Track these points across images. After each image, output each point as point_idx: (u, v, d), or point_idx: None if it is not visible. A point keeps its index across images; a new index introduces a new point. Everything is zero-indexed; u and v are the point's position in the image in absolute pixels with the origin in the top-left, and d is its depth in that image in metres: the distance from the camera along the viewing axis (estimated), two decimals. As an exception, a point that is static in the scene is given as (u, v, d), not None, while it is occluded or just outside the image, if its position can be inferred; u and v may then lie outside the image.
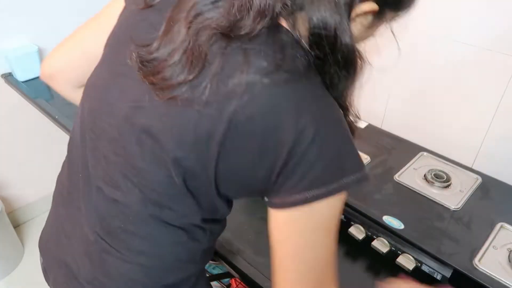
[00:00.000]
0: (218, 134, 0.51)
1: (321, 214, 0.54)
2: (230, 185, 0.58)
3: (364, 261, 0.90)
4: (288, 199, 0.53)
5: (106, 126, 0.61)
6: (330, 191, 0.53)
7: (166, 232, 0.62)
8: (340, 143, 0.53)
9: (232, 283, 1.38)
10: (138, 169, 0.59)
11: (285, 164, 0.51)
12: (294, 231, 0.55)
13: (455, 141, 1.11)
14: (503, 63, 0.95)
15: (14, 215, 1.95)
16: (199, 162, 0.54)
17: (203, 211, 0.62)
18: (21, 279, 1.75)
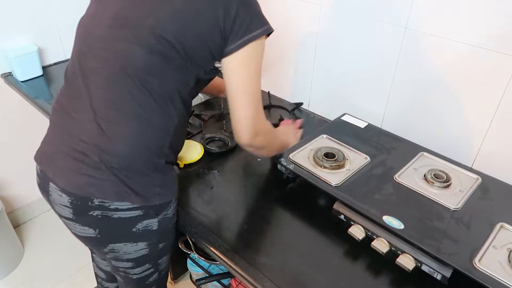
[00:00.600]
0: None
1: (256, 51, 0.86)
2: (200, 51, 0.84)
3: (364, 261, 0.90)
4: (239, 41, 0.83)
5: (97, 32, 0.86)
6: (260, 32, 0.84)
7: (149, 102, 0.83)
8: (256, 5, 0.86)
9: (232, 283, 1.38)
10: (121, 50, 0.82)
11: (230, 21, 0.82)
12: (244, 66, 0.86)
13: (455, 141, 1.11)
14: (503, 63, 0.95)
15: (14, 215, 1.95)
16: (177, 35, 0.80)
17: (179, 83, 0.85)
18: (21, 279, 1.75)
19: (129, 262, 0.95)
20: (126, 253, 0.93)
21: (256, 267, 0.87)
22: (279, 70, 1.49)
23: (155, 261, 1.00)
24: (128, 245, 0.91)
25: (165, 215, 0.92)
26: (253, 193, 1.09)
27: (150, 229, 0.90)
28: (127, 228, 0.88)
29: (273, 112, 1.46)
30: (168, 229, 0.96)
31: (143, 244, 0.92)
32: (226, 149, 1.24)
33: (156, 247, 0.95)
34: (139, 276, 1.00)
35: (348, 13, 1.18)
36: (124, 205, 0.84)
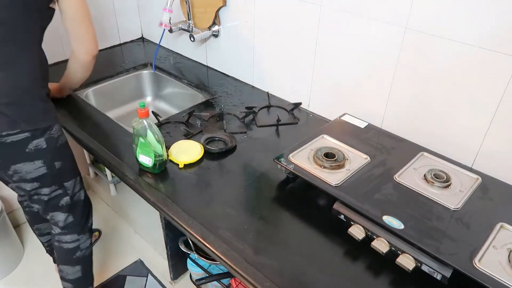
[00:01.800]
0: None
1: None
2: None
3: (364, 261, 0.90)
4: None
5: None
6: None
7: None
8: None
9: (232, 283, 1.38)
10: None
11: None
12: (78, 4, 1.15)
13: (455, 141, 1.11)
14: (503, 63, 0.95)
15: (14, 215, 1.95)
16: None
17: None
18: (21, 279, 1.75)
19: (34, 182, 1.16)
20: (28, 172, 1.14)
21: (256, 267, 0.87)
22: (279, 70, 1.49)
23: (60, 182, 1.23)
24: (26, 164, 1.12)
25: (50, 135, 1.14)
26: (253, 193, 1.09)
27: (41, 148, 1.13)
28: (21, 149, 1.10)
29: (272, 112, 1.46)
30: (58, 148, 1.18)
31: (39, 162, 1.14)
32: (226, 149, 1.24)
33: (52, 165, 1.17)
34: (49, 197, 1.22)
35: (348, 13, 1.18)
36: (14, 131, 1.06)
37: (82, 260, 1.38)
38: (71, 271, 1.38)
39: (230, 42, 1.62)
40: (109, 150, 1.24)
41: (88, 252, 1.40)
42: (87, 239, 1.38)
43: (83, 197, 1.34)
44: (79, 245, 1.35)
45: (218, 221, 0.99)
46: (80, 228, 1.35)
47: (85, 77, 1.37)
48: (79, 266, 1.38)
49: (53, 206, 1.26)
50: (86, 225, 1.38)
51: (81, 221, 1.35)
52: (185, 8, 1.62)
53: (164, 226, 1.39)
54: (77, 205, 1.31)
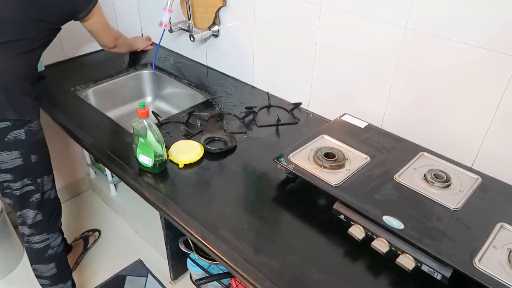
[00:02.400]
0: None
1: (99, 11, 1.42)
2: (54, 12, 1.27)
3: (364, 261, 0.90)
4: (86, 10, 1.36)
5: None
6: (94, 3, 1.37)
7: None
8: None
9: (232, 283, 1.38)
10: None
11: None
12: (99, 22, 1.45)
13: (455, 141, 1.11)
14: (503, 63, 0.95)
15: (14, 215, 1.95)
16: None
17: None
18: (21, 279, 1.75)
19: (8, 173, 1.21)
20: (3, 162, 1.18)
21: (256, 267, 0.87)
22: (279, 70, 1.49)
23: (34, 177, 1.27)
24: (3, 154, 1.18)
25: (30, 127, 1.21)
26: (253, 193, 1.09)
27: (19, 139, 1.18)
28: (0, 138, 1.15)
29: (272, 112, 1.46)
30: (36, 142, 1.24)
31: (16, 153, 1.19)
32: (226, 149, 1.24)
33: (28, 158, 1.22)
34: (21, 192, 1.26)
35: (348, 13, 1.18)
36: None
37: (54, 257, 1.40)
38: (46, 269, 1.40)
39: (230, 42, 1.62)
40: (109, 150, 1.24)
41: (60, 249, 1.42)
42: (57, 237, 1.41)
43: (53, 197, 1.38)
44: (49, 243, 1.38)
45: (218, 221, 0.99)
46: (48, 228, 1.37)
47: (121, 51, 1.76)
48: (53, 264, 1.40)
49: (23, 202, 1.29)
50: (56, 225, 1.41)
51: (49, 220, 1.37)
52: (185, 8, 1.62)
53: (164, 226, 1.39)
54: (46, 204, 1.34)
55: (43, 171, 1.30)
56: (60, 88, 1.59)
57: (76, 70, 1.75)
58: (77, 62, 1.83)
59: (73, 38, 1.79)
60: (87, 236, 1.91)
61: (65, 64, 1.80)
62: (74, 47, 1.85)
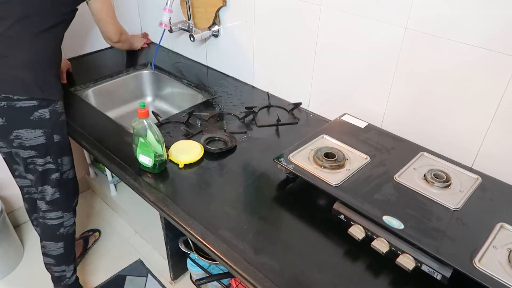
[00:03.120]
0: None
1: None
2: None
3: (364, 261, 0.90)
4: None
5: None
6: None
7: None
8: None
9: (232, 283, 1.38)
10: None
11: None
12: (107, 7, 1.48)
13: (455, 141, 1.11)
14: (503, 63, 0.95)
15: (14, 215, 1.95)
16: None
17: None
18: (21, 279, 1.75)
19: (31, 149, 1.26)
20: (28, 139, 1.23)
21: (256, 267, 0.87)
22: (279, 70, 1.49)
23: (55, 156, 1.32)
24: (28, 131, 1.22)
25: (54, 108, 1.25)
26: (253, 193, 1.09)
27: (44, 118, 1.23)
28: (26, 115, 1.20)
29: (271, 112, 1.46)
30: (59, 123, 1.28)
31: (40, 132, 1.24)
32: (226, 149, 1.24)
33: (51, 137, 1.27)
34: (43, 168, 1.31)
35: (348, 13, 1.18)
36: (24, 97, 1.18)
37: (65, 237, 1.45)
38: (54, 247, 1.45)
39: (230, 42, 1.62)
40: (109, 150, 1.24)
41: (71, 230, 1.47)
42: (71, 217, 1.46)
43: (71, 177, 1.43)
44: (63, 222, 1.42)
45: (218, 221, 0.99)
46: (64, 206, 1.42)
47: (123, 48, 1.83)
48: (62, 243, 1.45)
49: (44, 178, 1.35)
50: (71, 205, 1.46)
51: (66, 199, 1.42)
52: (185, 8, 1.62)
53: (164, 226, 1.39)
54: (65, 183, 1.39)
55: (63, 152, 1.34)
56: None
57: (76, 70, 1.75)
58: (77, 62, 1.83)
59: (73, 38, 1.79)
60: (87, 236, 1.91)
61: (65, 64, 1.80)
62: (74, 47, 1.85)
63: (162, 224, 1.39)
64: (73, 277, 1.54)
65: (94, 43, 1.90)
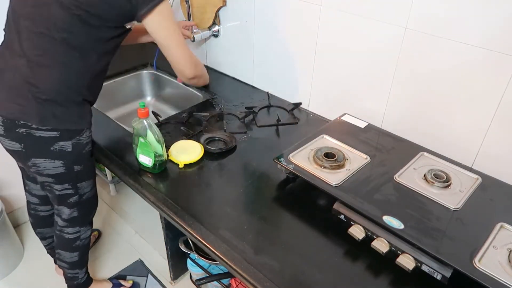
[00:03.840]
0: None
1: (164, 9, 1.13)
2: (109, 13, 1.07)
3: (364, 261, 0.90)
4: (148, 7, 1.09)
5: None
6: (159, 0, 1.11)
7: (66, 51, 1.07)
8: None
9: (232, 283, 1.38)
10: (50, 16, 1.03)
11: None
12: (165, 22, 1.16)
13: (455, 141, 1.11)
14: (503, 63, 0.95)
15: (14, 215, 1.95)
16: None
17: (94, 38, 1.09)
18: (21, 279, 1.75)
19: (49, 177, 1.19)
20: (46, 168, 1.15)
21: (256, 267, 0.87)
22: (279, 70, 1.49)
23: (74, 183, 1.24)
24: (47, 161, 1.14)
25: (78, 140, 1.15)
26: (253, 193, 1.09)
27: (65, 150, 1.14)
28: (46, 145, 1.11)
29: (272, 112, 1.46)
30: (82, 154, 1.19)
31: (59, 162, 1.15)
32: (226, 149, 1.24)
33: (71, 168, 1.19)
34: (60, 193, 1.25)
35: (348, 13, 1.18)
36: (43, 127, 1.08)
37: (80, 247, 1.43)
38: (69, 256, 1.43)
39: (230, 42, 1.62)
40: (109, 150, 1.24)
41: (87, 241, 1.45)
42: (87, 230, 1.42)
43: (91, 196, 1.35)
44: (80, 235, 1.40)
45: (218, 221, 0.99)
46: (82, 222, 1.38)
47: (202, 83, 1.52)
48: (77, 253, 1.44)
49: (61, 201, 1.29)
50: (88, 218, 1.42)
51: (84, 216, 1.38)
52: (185, 8, 1.62)
53: (164, 226, 1.38)
54: (84, 203, 1.33)
55: (84, 177, 1.27)
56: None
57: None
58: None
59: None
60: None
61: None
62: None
63: (162, 224, 1.39)
64: (85, 276, 1.54)
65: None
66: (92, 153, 1.25)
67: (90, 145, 1.21)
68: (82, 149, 1.17)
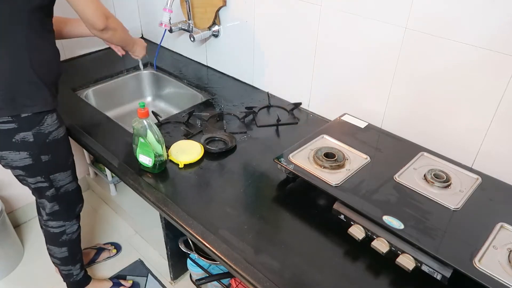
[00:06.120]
0: None
1: None
2: None
3: (364, 261, 0.90)
4: None
5: None
6: None
7: None
8: None
9: (232, 283, 1.38)
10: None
11: None
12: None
13: (455, 141, 1.11)
14: (503, 63, 0.95)
15: (14, 215, 1.95)
16: None
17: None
18: (21, 279, 1.75)
19: (20, 170, 1.18)
20: (13, 160, 1.14)
21: (256, 267, 0.87)
22: (279, 70, 1.49)
23: (46, 175, 1.22)
24: (12, 153, 1.13)
25: (39, 130, 1.12)
26: (253, 193, 1.09)
27: (27, 141, 1.11)
28: (8, 138, 1.09)
29: (272, 112, 1.46)
30: (47, 144, 1.16)
31: (24, 154, 1.14)
32: (226, 149, 1.24)
33: (38, 158, 1.16)
34: (35, 186, 1.24)
35: (348, 13, 1.18)
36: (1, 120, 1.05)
37: (68, 242, 1.42)
38: (58, 251, 1.43)
39: (230, 42, 1.62)
40: (109, 150, 1.24)
41: (75, 236, 1.43)
42: (73, 224, 1.41)
43: (72, 189, 1.33)
44: (65, 230, 1.39)
45: (218, 221, 0.99)
46: (66, 216, 1.37)
47: (118, 39, 1.32)
48: (66, 248, 1.43)
49: (39, 194, 1.28)
50: (73, 213, 1.40)
51: (67, 210, 1.37)
52: (185, 8, 1.62)
53: (164, 226, 1.39)
54: (64, 196, 1.32)
55: (56, 169, 1.24)
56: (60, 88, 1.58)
57: (76, 70, 1.75)
58: (77, 62, 1.83)
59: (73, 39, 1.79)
60: (102, 249, 1.84)
61: (65, 64, 1.80)
62: (74, 47, 1.85)
63: (162, 224, 1.39)
64: (81, 273, 1.54)
65: (94, 43, 1.90)
66: (63, 141, 1.21)
67: (57, 133, 1.17)
68: (45, 138, 1.15)
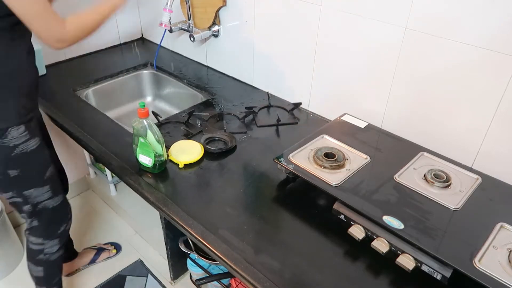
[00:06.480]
0: None
1: None
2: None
3: (364, 261, 0.90)
4: None
5: None
6: None
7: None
8: None
9: (232, 283, 1.38)
10: None
11: None
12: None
13: (455, 141, 1.11)
14: (503, 63, 0.95)
15: (14, 215, 1.95)
16: None
17: None
18: (21, 279, 1.75)
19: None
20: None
21: (256, 267, 0.87)
22: (279, 70, 1.49)
23: (18, 190, 1.15)
24: None
25: (2, 143, 1.05)
26: (253, 193, 1.09)
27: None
28: None
29: (272, 112, 1.46)
30: (13, 158, 1.08)
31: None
32: (226, 149, 1.24)
33: (6, 173, 1.10)
34: (10, 201, 1.18)
35: (348, 13, 1.18)
36: None
37: (45, 263, 1.33)
38: (34, 269, 1.35)
39: (230, 42, 1.62)
40: (109, 150, 1.24)
41: (53, 257, 1.34)
42: (54, 245, 1.32)
43: (52, 206, 1.24)
44: (43, 249, 1.30)
45: (218, 221, 0.99)
46: (46, 234, 1.28)
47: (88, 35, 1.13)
48: (41, 268, 1.34)
49: (16, 209, 1.22)
50: (55, 232, 1.31)
51: (47, 228, 1.28)
52: (185, 8, 1.62)
53: (164, 226, 1.39)
54: (42, 213, 1.23)
55: (31, 184, 1.16)
56: (60, 88, 1.59)
57: (76, 70, 1.75)
58: (77, 62, 1.83)
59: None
60: (102, 249, 1.83)
61: (65, 64, 1.80)
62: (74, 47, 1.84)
63: (162, 224, 1.39)
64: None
65: (94, 43, 1.90)
66: (35, 155, 1.13)
67: (26, 146, 1.10)
68: (11, 152, 1.07)
